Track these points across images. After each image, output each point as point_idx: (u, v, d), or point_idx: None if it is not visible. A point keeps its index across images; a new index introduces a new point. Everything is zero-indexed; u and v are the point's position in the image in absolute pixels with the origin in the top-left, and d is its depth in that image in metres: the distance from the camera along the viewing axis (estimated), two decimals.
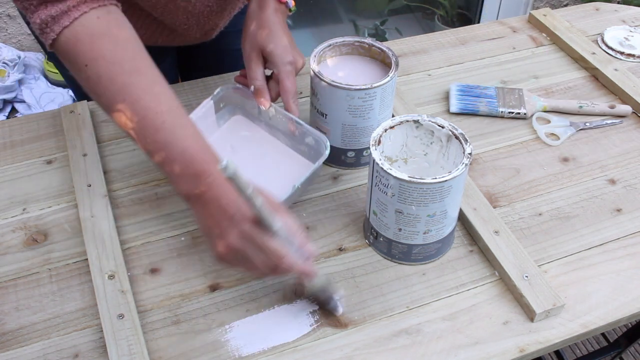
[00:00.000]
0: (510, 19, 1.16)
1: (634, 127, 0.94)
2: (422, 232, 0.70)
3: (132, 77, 0.64)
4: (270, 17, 0.80)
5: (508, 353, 0.66)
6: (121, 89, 0.64)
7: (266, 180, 0.79)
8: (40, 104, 1.97)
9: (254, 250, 0.61)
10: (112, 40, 0.65)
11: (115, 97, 0.64)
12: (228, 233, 0.61)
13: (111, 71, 0.64)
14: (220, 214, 0.62)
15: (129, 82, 0.64)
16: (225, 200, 0.62)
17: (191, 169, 0.63)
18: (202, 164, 0.63)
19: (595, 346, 1.51)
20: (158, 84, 0.65)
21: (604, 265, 0.75)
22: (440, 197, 0.66)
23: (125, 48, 0.65)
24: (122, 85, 0.64)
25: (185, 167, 0.63)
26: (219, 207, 0.62)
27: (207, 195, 0.62)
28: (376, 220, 0.72)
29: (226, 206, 0.61)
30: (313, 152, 0.80)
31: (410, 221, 0.69)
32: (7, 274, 0.73)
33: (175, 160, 0.63)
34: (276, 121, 0.83)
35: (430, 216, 0.68)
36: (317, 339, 0.67)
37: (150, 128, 0.63)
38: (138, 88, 0.64)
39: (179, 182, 0.64)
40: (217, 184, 0.63)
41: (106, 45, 0.64)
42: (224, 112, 0.87)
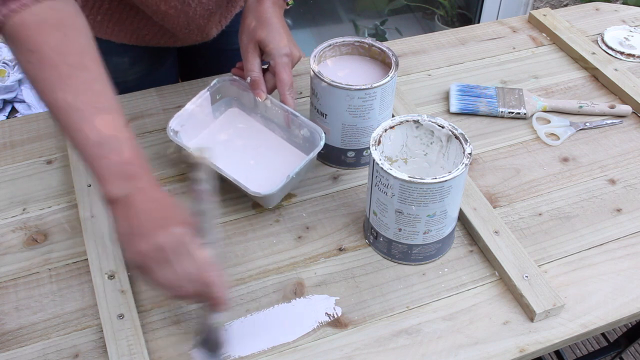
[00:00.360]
0: (510, 19, 1.16)
1: (634, 127, 0.94)
2: (422, 232, 0.70)
3: (76, 71, 0.62)
4: (267, 10, 0.80)
5: (508, 353, 0.66)
6: (62, 79, 0.62)
7: (261, 171, 0.80)
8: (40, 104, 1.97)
9: (181, 255, 0.57)
10: (61, 31, 0.63)
11: (54, 87, 0.62)
12: (156, 232, 0.57)
13: (55, 60, 0.62)
14: (150, 215, 0.59)
15: (72, 74, 0.62)
16: (159, 204, 0.59)
17: (123, 172, 0.60)
18: (136, 168, 0.61)
19: (595, 346, 1.51)
20: (100, 82, 0.64)
21: (604, 265, 0.75)
22: (440, 197, 0.66)
23: (74, 41, 0.64)
24: (64, 77, 0.62)
25: (117, 169, 0.60)
26: (151, 209, 0.59)
27: (135, 197, 0.59)
28: (376, 220, 0.72)
29: (160, 208, 0.59)
30: (308, 144, 0.81)
31: (410, 221, 0.69)
32: (7, 274, 0.73)
33: (104, 159, 0.60)
34: (272, 113, 0.83)
35: (430, 216, 0.68)
36: (317, 339, 0.67)
37: (85, 123, 0.61)
38: (80, 82, 0.62)
39: (107, 183, 0.60)
40: (149, 188, 0.60)
41: (55, 35, 0.63)
42: (220, 104, 0.87)
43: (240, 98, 0.87)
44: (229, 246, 0.76)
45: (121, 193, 0.59)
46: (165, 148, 0.86)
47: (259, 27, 0.79)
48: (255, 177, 0.79)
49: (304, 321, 0.69)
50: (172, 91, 0.97)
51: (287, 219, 0.79)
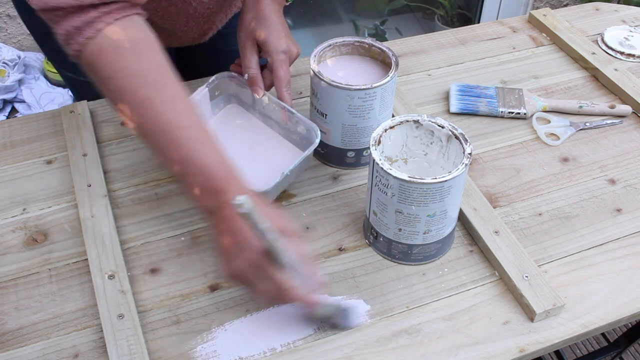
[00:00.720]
0: (510, 19, 1.16)
1: (634, 127, 0.94)
2: (422, 232, 0.70)
3: (155, 91, 0.64)
4: (266, 7, 0.80)
5: (508, 353, 0.66)
6: (143, 102, 0.63)
7: (258, 167, 0.80)
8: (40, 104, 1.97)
9: (261, 279, 0.61)
10: (135, 52, 0.64)
11: (137, 111, 0.63)
12: (236, 257, 0.61)
13: (133, 84, 0.63)
14: (234, 235, 0.61)
15: (151, 95, 0.63)
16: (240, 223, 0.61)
17: (210, 185, 0.63)
18: (222, 181, 0.63)
19: (595, 346, 1.51)
20: (180, 98, 0.65)
21: (604, 265, 0.75)
22: (440, 197, 0.66)
23: (149, 61, 0.65)
24: (143, 99, 0.63)
25: (205, 183, 0.63)
26: (235, 228, 0.61)
27: (224, 212, 0.62)
28: (376, 220, 0.72)
29: (240, 229, 0.61)
30: (305, 140, 0.81)
31: (410, 221, 0.69)
32: (7, 274, 0.73)
33: (195, 176, 0.63)
34: (269, 110, 0.84)
35: (430, 216, 0.68)
36: (317, 339, 0.67)
37: (172, 143, 0.63)
38: (160, 102, 0.63)
39: (199, 198, 0.64)
40: None
41: (129, 57, 0.64)
42: (219, 100, 0.87)
43: (239, 95, 0.87)
44: None
45: (210, 206, 0.63)
46: None
47: (257, 24, 0.79)
48: (252, 173, 0.79)
49: (304, 321, 0.68)
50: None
51: None
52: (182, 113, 0.64)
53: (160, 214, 0.79)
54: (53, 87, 2.03)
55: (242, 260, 0.61)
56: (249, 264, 0.60)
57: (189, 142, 0.63)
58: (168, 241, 0.76)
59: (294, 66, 1.02)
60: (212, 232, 0.64)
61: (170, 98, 0.64)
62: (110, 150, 0.88)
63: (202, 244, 0.76)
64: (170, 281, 0.72)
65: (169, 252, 0.75)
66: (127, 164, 0.86)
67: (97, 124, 0.91)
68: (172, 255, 0.75)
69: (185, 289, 0.71)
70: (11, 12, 2.03)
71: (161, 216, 0.79)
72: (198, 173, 0.63)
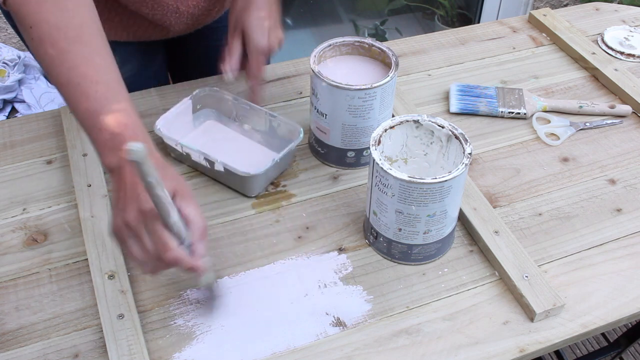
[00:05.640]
0: (510, 19, 1.16)
1: (634, 127, 0.94)
2: (422, 232, 0.70)
3: (74, 45, 0.64)
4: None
5: (508, 353, 0.66)
6: (61, 54, 0.63)
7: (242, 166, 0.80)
8: (40, 104, 1.97)
9: (143, 235, 0.60)
10: (59, 6, 0.64)
11: (54, 61, 0.63)
12: (128, 208, 0.60)
13: (53, 36, 0.63)
14: (129, 189, 0.61)
15: (70, 49, 0.63)
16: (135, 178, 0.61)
17: (114, 142, 0.62)
18: (126, 139, 0.62)
19: (595, 346, 1.51)
20: (100, 55, 0.65)
21: (604, 265, 0.75)
22: (440, 197, 0.66)
23: (73, 16, 0.65)
24: (62, 51, 0.63)
25: (110, 139, 0.62)
26: (129, 183, 0.61)
27: (123, 169, 0.61)
28: (376, 220, 0.72)
29: (136, 183, 0.60)
30: (286, 144, 0.83)
31: (410, 221, 0.69)
32: (7, 274, 0.73)
33: (101, 130, 0.62)
34: (250, 117, 0.87)
35: (430, 216, 0.68)
36: (317, 339, 0.67)
37: (83, 96, 0.63)
38: (78, 55, 0.63)
39: (103, 152, 0.63)
40: None
41: (52, 9, 0.64)
42: (200, 114, 0.89)
43: (220, 108, 0.90)
44: (229, 246, 0.76)
45: (114, 164, 0.62)
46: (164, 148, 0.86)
47: (244, 11, 0.81)
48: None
49: (305, 321, 0.69)
50: (172, 91, 0.97)
51: (287, 219, 0.79)
52: (99, 69, 0.64)
53: None
54: (53, 87, 2.03)
55: (128, 212, 0.60)
56: (134, 217, 0.60)
57: (99, 98, 0.63)
58: None
59: (294, 66, 1.03)
60: (112, 189, 0.64)
61: (89, 53, 0.64)
62: None
63: None
64: (170, 281, 0.72)
65: None
66: None
67: None
68: None
69: (185, 289, 0.71)
70: None
71: None
72: (103, 129, 0.62)
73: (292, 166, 0.86)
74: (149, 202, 0.59)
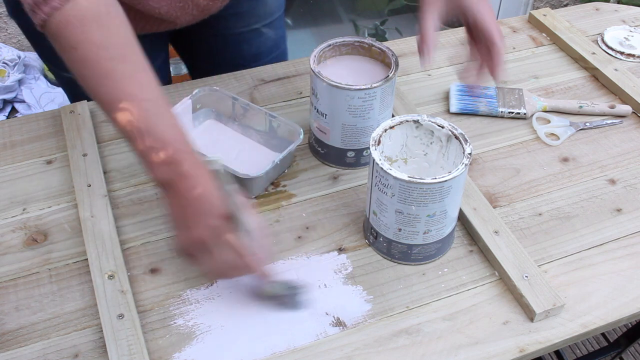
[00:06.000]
0: (510, 19, 1.16)
1: (634, 127, 0.94)
2: (422, 232, 0.70)
3: (119, 64, 0.64)
4: None
5: (508, 353, 0.66)
6: (106, 73, 0.64)
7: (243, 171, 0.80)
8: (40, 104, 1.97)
9: (219, 245, 0.62)
10: (102, 25, 0.64)
11: (100, 82, 0.64)
12: (196, 225, 0.62)
13: (98, 55, 0.64)
14: (190, 205, 0.62)
15: (115, 67, 0.64)
16: (198, 192, 0.62)
17: (167, 158, 0.63)
18: (178, 153, 0.63)
19: (595, 346, 1.51)
20: (143, 72, 0.66)
21: (604, 265, 0.75)
22: (440, 197, 0.66)
23: (116, 34, 0.65)
24: (107, 70, 0.64)
25: (162, 154, 0.63)
26: (191, 198, 0.62)
27: (179, 184, 0.63)
28: (376, 221, 0.72)
29: (198, 198, 0.62)
30: (285, 144, 0.83)
31: (410, 221, 0.69)
32: (7, 274, 0.73)
33: (152, 147, 0.63)
34: (249, 118, 0.87)
35: (430, 216, 0.68)
36: (317, 339, 0.67)
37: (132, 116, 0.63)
38: (123, 74, 0.64)
39: (155, 169, 0.64)
40: (191, 174, 0.63)
41: (96, 29, 0.64)
42: (199, 114, 0.89)
43: (219, 108, 0.90)
44: None
45: (166, 177, 0.63)
46: None
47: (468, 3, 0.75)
48: None
49: (304, 321, 0.69)
50: (174, 91, 0.97)
51: (287, 219, 0.79)
52: (144, 86, 0.65)
53: (160, 214, 0.79)
54: (53, 87, 2.03)
55: (202, 227, 0.62)
56: (209, 230, 0.62)
57: (147, 115, 0.64)
58: (168, 241, 0.76)
59: (294, 66, 1.03)
60: (168, 206, 0.65)
61: (133, 71, 0.65)
62: (110, 150, 0.88)
63: None
64: (170, 281, 0.72)
65: (169, 252, 0.75)
66: (127, 164, 0.86)
67: (97, 124, 0.91)
68: (172, 255, 0.75)
69: (185, 289, 0.71)
70: None
71: (161, 216, 0.79)
72: (156, 145, 0.63)
73: (292, 166, 0.86)
74: (223, 212, 0.61)
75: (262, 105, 0.93)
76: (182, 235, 0.64)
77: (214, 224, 0.62)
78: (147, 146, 0.63)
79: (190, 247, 0.64)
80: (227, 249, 0.63)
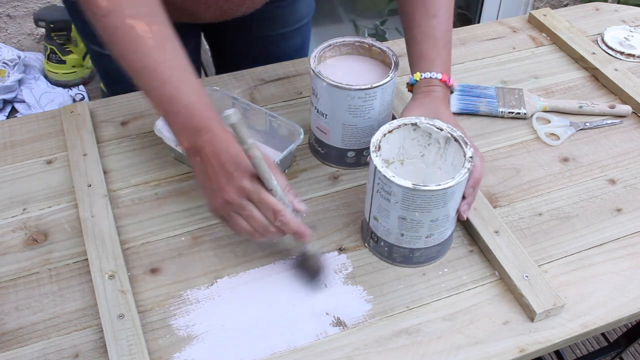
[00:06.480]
0: (510, 19, 1.16)
1: (634, 127, 0.94)
2: (424, 236, 0.70)
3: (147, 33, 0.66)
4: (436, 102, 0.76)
5: (508, 353, 0.66)
6: (135, 40, 0.65)
7: None
8: (40, 104, 1.97)
9: (251, 205, 0.64)
10: None
11: (130, 48, 0.66)
12: (226, 188, 0.63)
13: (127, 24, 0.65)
14: (219, 170, 0.64)
15: (144, 35, 0.65)
16: (225, 156, 0.64)
17: (192, 124, 0.65)
18: (204, 120, 0.65)
19: (595, 346, 1.51)
20: (170, 42, 0.67)
21: (604, 265, 0.75)
22: (443, 203, 0.66)
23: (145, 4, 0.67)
24: (136, 37, 0.65)
25: (187, 121, 0.65)
26: (218, 163, 0.64)
27: (206, 149, 0.64)
28: (377, 226, 0.72)
29: (225, 162, 0.64)
30: (285, 143, 0.83)
31: (413, 227, 0.69)
32: (7, 274, 0.73)
33: (178, 113, 0.65)
34: (249, 117, 0.87)
35: (434, 221, 0.68)
36: (317, 339, 0.67)
37: (158, 81, 0.66)
38: (152, 42, 0.66)
39: (181, 135, 0.66)
40: (217, 139, 0.64)
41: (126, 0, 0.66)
42: None
43: (219, 109, 0.88)
44: (229, 246, 0.76)
45: (193, 144, 0.65)
46: (164, 148, 0.86)
47: None
48: None
49: (304, 321, 0.69)
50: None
51: None
52: (172, 55, 0.67)
53: (160, 214, 0.79)
54: (53, 87, 2.03)
55: (228, 190, 0.63)
56: (238, 192, 0.63)
57: (175, 81, 0.66)
58: (168, 241, 0.76)
59: (294, 66, 1.03)
60: (195, 172, 0.67)
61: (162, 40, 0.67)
62: (110, 150, 0.88)
63: (202, 244, 0.76)
64: (170, 281, 0.72)
65: (169, 252, 0.75)
66: (127, 164, 0.86)
67: (97, 124, 0.91)
68: (172, 255, 0.75)
69: (185, 289, 0.71)
70: (11, 12, 2.03)
71: (161, 216, 0.79)
72: (181, 111, 0.65)
73: (293, 166, 0.86)
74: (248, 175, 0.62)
75: (262, 105, 0.93)
76: (214, 199, 0.65)
77: (243, 185, 0.63)
78: (173, 114, 0.65)
79: (222, 209, 0.65)
80: (260, 207, 0.64)
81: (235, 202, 0.64)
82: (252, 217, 0.65)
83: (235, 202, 0.64)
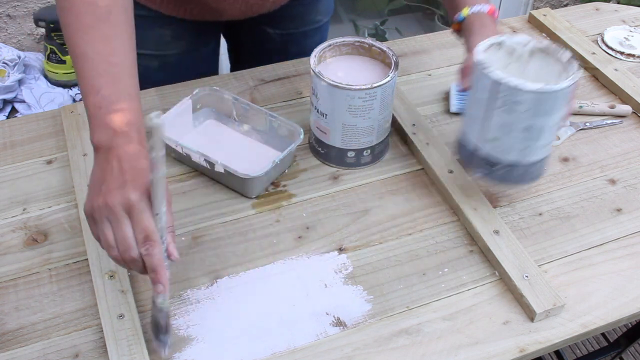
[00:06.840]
0: (510, 19, 1.16)
1: (634, 127, 0.94)
2: (542, 146, 0.71)
3: (99, 23, 0.65)
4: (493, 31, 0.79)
5: (508, 353, 0.66)
6: (85, 29, 0.65)
7: (244, 166, 0.80)
8: (40, 104, 1.97)
9: (127, 220, 0.59)
10: None
11: (77, 33, 0.65)
12: (114, 192, 0.59)
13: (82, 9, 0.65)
14: (117, 174, 0.60)
15: (95, 26, 0.65)
16: (127, 166, 0.60)
17: (112, 124, 0.62)
18: (125, 125, 0.62)
19: (595, 346, 1.51)
20: (120, 39, 0.66)
21: (604, 265, 0.75)
22: (563, 104, 0.68)
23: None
24: (87, 26, 0.65)
25: (108, 119, 0.62)
26: (119, 169, 0.60)
27: (115, 152, 0.61)
28: (496, 147, 0.72)
29: (126, 171, 0.60)
30: (285, 143, 0.83)
31: (535, 135, 0.70)
32: (7, 274, 0.73)
33: (99, 108, 0.63)
34: (249, 118, 0.87)
35: (552, 126, 0.70)
36: (317, 339, 0.67)
37: (93, 71, 0.64)
38: (100, 33, 0.65)
39: (98, 130, 0.63)
40: (130, 149, 0.61)
41: None
42: (199, 114, 0.89)
43: (219, 108, 0.89)
44: (229, 246, 0.76)
45: (104, 143, 0.62)
46: None
47: None
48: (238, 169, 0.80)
49: (304, 321, 0.69)
50: (172, 91, 0.97)
51: (287, 219, 0.79)
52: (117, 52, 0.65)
53: None
54: (53, 87, 2.03)
55: (120, 195, 0.58)
56: (121, 202, 0.58)
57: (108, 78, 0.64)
58: None
59: (294, 66, 1.03)
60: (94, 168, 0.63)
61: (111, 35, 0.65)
62: None
63: (202, 244, 0.76)
64: (170, 281, 0.72)
65: None
66: None
67: None
68: None
69: (185, 289, 0.71)
70: (11, 12, 2.03)
71: None
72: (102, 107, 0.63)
73: (293, 166, 0.86)
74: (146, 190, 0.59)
75: (262, 105, 0.93)
76: (96, 198, 0.60)
77: (132, 197, 0.58)
78: (95, 107, 0.63)
79: (98, 211, 0.59)
80: (135, 227, 0.58)
81: (115, 209, 0.58)
82: (122, 230, 0.59)
83: (114, 209, 0.58)
